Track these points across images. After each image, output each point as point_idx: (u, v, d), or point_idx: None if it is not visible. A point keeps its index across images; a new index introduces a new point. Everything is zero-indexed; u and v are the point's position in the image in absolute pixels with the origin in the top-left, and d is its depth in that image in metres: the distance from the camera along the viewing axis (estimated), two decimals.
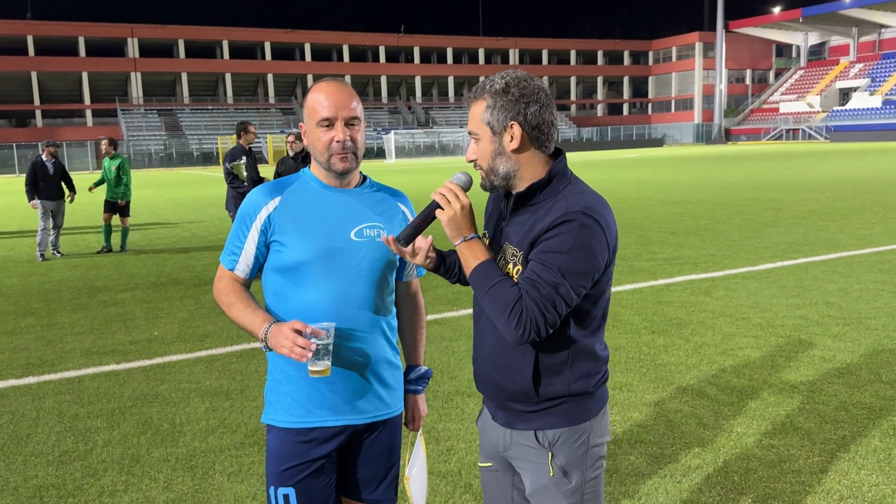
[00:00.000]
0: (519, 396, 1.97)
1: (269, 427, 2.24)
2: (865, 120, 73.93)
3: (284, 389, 2.18)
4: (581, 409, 1.98)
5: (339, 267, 2.12)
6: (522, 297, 1.79)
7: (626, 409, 4.52)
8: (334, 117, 2.10)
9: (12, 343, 6.58)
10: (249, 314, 2.12)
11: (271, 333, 2.03)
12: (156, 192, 28.69)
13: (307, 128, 2.17)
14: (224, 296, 2.19)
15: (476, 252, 1.89)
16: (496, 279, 1.83)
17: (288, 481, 2.16)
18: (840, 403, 4.47)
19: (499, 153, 1.92)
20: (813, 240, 10.77)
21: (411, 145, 73.65)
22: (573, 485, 1.98)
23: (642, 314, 6.80)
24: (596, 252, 1.82)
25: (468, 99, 1.97)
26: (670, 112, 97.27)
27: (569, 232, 1.79)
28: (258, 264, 2.20)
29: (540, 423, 1.97)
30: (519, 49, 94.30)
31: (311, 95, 2.14)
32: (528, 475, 2.04)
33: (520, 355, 1.93)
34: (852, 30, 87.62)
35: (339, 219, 2.16)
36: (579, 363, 1.95)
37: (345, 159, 2.12)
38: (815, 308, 6.79)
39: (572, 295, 1.81)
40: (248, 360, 5.78)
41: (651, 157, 50.44)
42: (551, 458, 1.97)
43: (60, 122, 74.15)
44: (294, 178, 2.23)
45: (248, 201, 2.18)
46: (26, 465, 4.02)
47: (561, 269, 1.78)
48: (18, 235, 15.35)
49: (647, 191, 20.93)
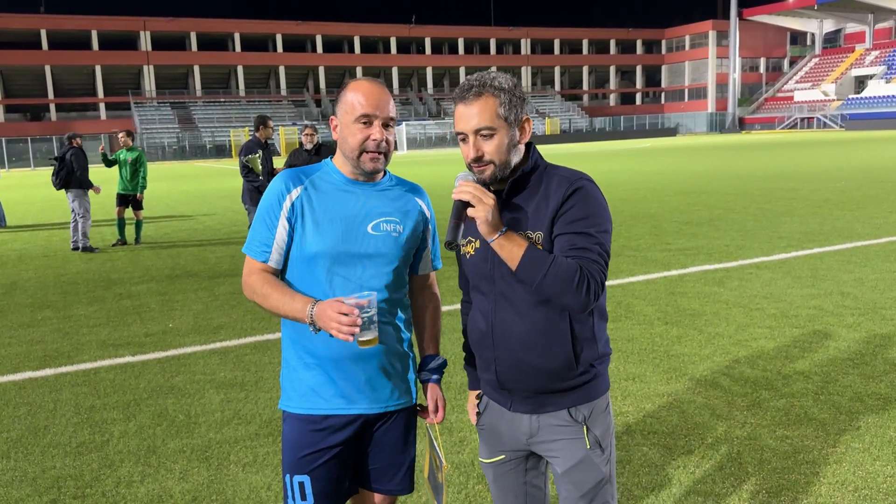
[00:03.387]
0: (560, 372, 2.03)
1: (284, 414, 2.26)
2: (881, 108, 73.14)
3: (300, 376, 2.21)
4: (603, 381, 2.12)
5: (355, 259, 2.14)
6: (582, 266, 1.89)
7: (640, 400, 4.51)
8: (374, 115, 2.11)
9: (29, 335, 6.65)
10: (288, 300, 2.10)
11: (316, 315, 2.02)
12: (169, 185, 28.85)
13: (341, 122, 2.16)
14: (259, 288, 2.16)
15: (516, 241, 1.94)
16: (550, 259, 1.91)
17: (303, 469, 2.18)
18: (855, 394, 4.45)
19: (513, 146, 2.01)
20: (828, 229, 10.70)
21: (423, 136, 73.66)
22: (606, 454, 2.11)
23: (655, 305, 6.79)
24: (607, 207, 2.02)
25: (464, 96, 1.98)
26: (683, 101, 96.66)
27: (584, 198, 1.96)
28: (286, 254, 2.20)
29: (571, 399, 2.07)
30: (531, 39, 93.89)
31: (351, 93, 2.14)
32: (560, 454, 2.09)
33: (557, 330, 2.01)
34: (868, 16, 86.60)
35: (357, 212, 2.17)
36: (601, 325, 2.09)
37: (376, 159, 2.14)
38: (829, 298, 6.75)
39: (609, 250, 1.98)
40: (262, 352, 5.82)
41: (664, 146, 50.17)
42: (587, 432, 2.07)
43: (74, 116, 74.60)
44: (316, 168, 2.24)
45: (272, 190, 2.17)
46: (44, 456, 4.07)
47: (594, 231, 1.94)
48: (34, 229, 15.49)
49: (661, 181, 20.83)
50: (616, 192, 17.77)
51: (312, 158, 9.20)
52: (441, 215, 13.30)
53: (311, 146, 9.81)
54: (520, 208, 2.01)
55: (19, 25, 70.12)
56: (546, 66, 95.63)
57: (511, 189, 2.03)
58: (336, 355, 2.15)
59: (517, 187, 2.03)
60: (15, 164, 61.66)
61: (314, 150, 9.77)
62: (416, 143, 71.73)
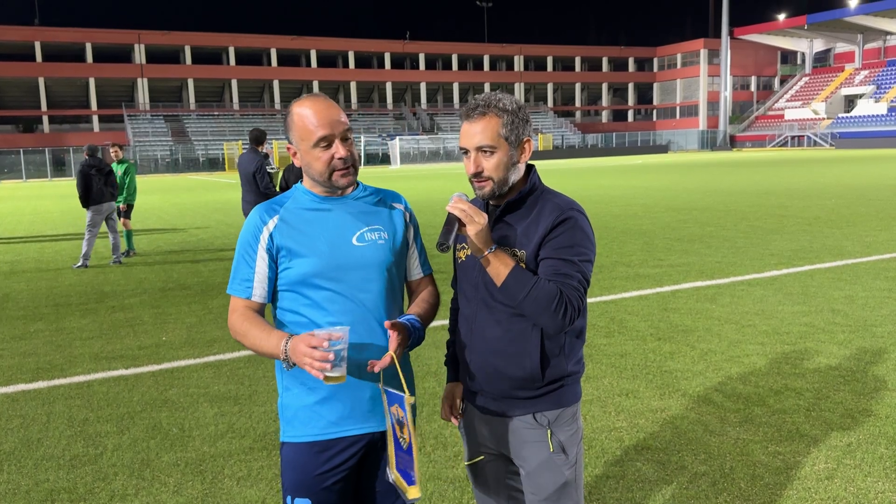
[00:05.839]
0: (524, 382, 2.14)
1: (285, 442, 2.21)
2: (871, 127, 73.79)
3: (302, 401, 2.16)
4: (573, 391, 2.21)
5: (345, 274, 2.12)
6: (562, 291, 1.99)
7: (633, 416, 4.54)
8: (332, 135, 2.09)
9: (22, 348, 6.63)
10: (264, 338, 2.06)
11: (290, 351, 1.98)
12: (162, 198, 28.80)
13: (300, 150, 2.13)
14: (239, 326, 2.13)
15: (504, 260, 2.04)
16: (533, 280, 2.01)
17: (307, 492, 2.14)
18: (846, 410, 4.48)
19: (512, 164, 2.12)
20: (818, 247, 10.78)
21: (416, 151, 73.82)
22: (570, 459, 2.19)
23: (648, 321, 6.82)
24: (593, 239, 2.14)
25: (470, 114, 2.10)
26: (675, 118, 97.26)
27: (572, 228, 2.07)
28: (272, 285, 2.17)
29: (537, 406, 2.16)
30: (524, 55, 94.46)
31: (298, 116, 2.10)
32: (526, 457, 2.18)
33: (527, 343, 2.11)
34: (857, 37, 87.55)
35: (338, 227, 2.16)
36: (575, 345, 2.19)
37: (347, 174, 2.13)
38: (820, 315, 6.80)
39: (589, 279, 2.08)
40: (256, 366, 5.82)
41: (656, 163, 50.45)
42: (550, 435, 2.16)
43: (67, 128, 74.50)
44: (287, 196, 2.22)
45: (248, 226, 2.16)
46: (37, 468, 4.06)
47: (577, 259, 2.05)
48: (26, 241, 15.44)
49: (652, 197, 20.94)
50: (608, 209, 17.85)
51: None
52: (432, 229, 13.33)
53: None
54: (511, 226, 2.13)
55: (13, 37, 70.05)
56: (539, 82, 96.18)
57: (506, 207, 2.15)
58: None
59: (512, 207, 2.15)
60: (7, 177, 61.45)
61: None
62: (410, 158, 71.87)
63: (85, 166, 11.17)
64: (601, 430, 4.32)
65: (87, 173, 11.14)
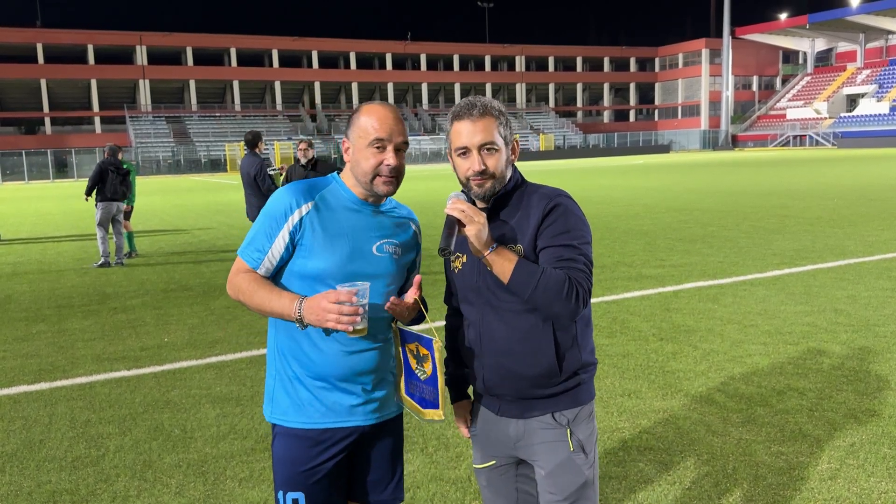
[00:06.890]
0: (541, 379, 2.13)
1: (277, 429, 2.23)
2: (873, 126, 73.72)
3: (295, 389, 2.19)
4: (588, 389, 2.22)
5: (359, 279, 2.13)
6: (570, 276, 2.01)
7: (635, 416, 4.53)
8: (388, 140, 2.13)
9: (24, 349, 6.64)
10: (274, 298, 2.09)
11: (306, 309, 2.02)
12: (164, 199, 28.83)
13: (354, 146, 2.17)
14: (245, 285, 2.14)
15: (506, 256, 2.04)
16: (539, 270, 2.01)
17: (299, 486, 2.17)
18: (849, 410, 4.47)
19: (508, 162, 2.19)
20: (821, 246, 10.76)
21: (418, 152, 73.88)
22: (589, 459, 2.19)
23: (650, 321, 6.81)
24: (586, 220, 2.16)
25: (470, 114, 2.12)
26: (677, 118, 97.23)
27: (563, 214, 2.09)
28: (279, 265, 2.17)
29: (556, 405, 2.16)
30: (525, 56, 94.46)
31: (365, 116, 2.15)
32: (543, 458, 2.17)
33: (540, 338, 2.10)
34: (859, 36, 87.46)
35: (364, 233, 2.19)
36: (586, 334, 2.20)
37: (389, 183, 2.17)
38: (823, 315, 6.79)
39: (591, 259, 2.10)
40: (257, 367, 5.82)
41: (658, 163, 50.42)
42: (570, 434, 2.16)
43: (69, 130, 74.58)
44: (325, 183, 2.22)
45: (279, 201, 2.14)
46: (40, 470, 4.06)
47: (577, 243, 2.07)
48: (28, 242, 15.46)
49: (654, 197, 20.93)
50: (610, 209, 17.85)
51: (309, 173, 9.21)
52: (433, 230, 13.33)
53: (307, 161, 9.83)
54: (504, 223, 2.14)
55: (15, 39, 70.15)
56: (540, 82, 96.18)
57: (495, 205, 2.17)
58: (333, 369, 2.15)
59: (500, 203, 2.17)
60: (9, 178, 61.55)
61: (310, 164, 9.80)
62: (411, 159, 71.91)
63: (105, 163, 11.68)
64: (603, 431, 4.31)
65: (105, 169, 11.62)
